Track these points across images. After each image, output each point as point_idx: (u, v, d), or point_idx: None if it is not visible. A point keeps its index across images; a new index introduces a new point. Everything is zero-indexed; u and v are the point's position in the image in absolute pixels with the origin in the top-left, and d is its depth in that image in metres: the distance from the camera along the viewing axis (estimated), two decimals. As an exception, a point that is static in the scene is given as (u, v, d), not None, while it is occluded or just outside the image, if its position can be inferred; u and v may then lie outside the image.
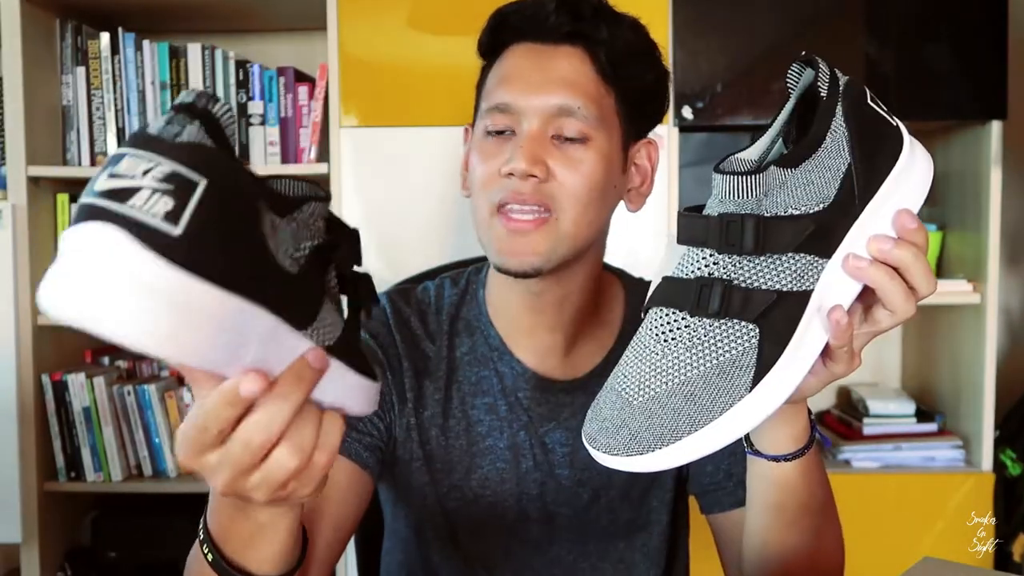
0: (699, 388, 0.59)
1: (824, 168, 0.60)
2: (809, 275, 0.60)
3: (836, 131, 0.61)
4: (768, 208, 0.59)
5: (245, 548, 0.61)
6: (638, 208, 0.95)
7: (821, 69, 0.63)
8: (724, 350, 0.59)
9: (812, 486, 0.76)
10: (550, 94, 0.85)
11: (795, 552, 0.78)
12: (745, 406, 0.58)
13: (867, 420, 1.96)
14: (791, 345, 0.59)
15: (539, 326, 0.94)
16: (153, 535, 1.95)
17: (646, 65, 0.91)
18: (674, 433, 0.58)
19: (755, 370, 0.58)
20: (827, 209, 0.60)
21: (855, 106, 0.62)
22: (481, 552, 0.97)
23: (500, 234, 0.86)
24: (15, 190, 1.86)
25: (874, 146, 0.62)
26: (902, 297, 0.61)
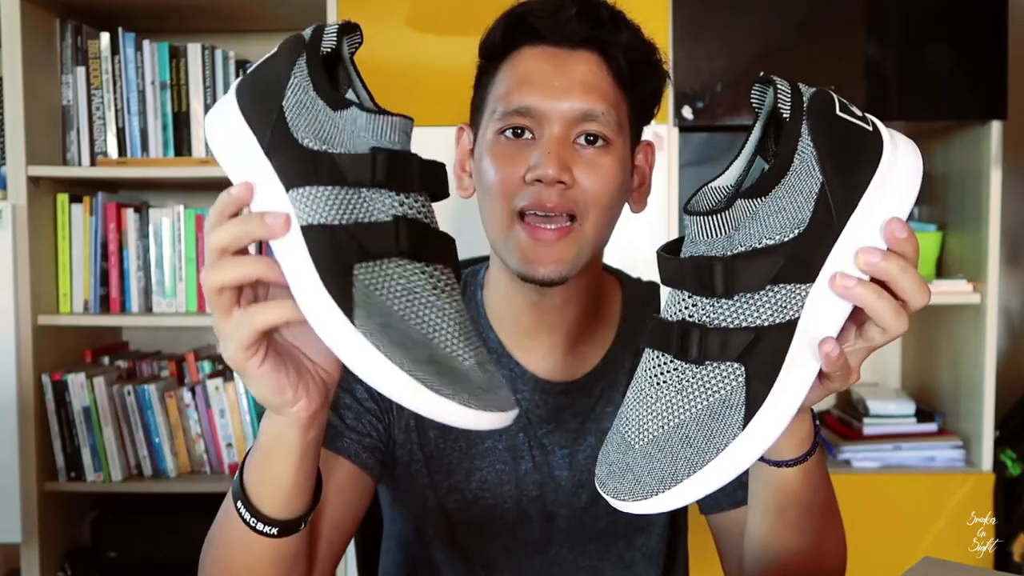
0: (693, 431, 0.59)
1: (795, 192, 0.58)
2: (792, 304, 0.59)
3: (804, 151, 0.59)
4: (742, 242, 0.58)
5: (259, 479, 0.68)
6: (642, 209, 0.95)
7: (780, 89, 0.61)
8: (712, 391, 0.59)
9: (814, 490, 0.75)
10: (574, 99, 0.85)
11: (796, 554, 0.78)
12: (740, 445, 0.58)
13: (867, 420, 1.96)
14: (780, 378, 0.58)
15: (541, 329, 0.94)
16: (153, 535, 1.95)
17: (655, 70, 0.91)
18: (674, 477, 0.58)
19: (745, 408, 0.58)
20: (803, 234, 0.58)
21: (822, 120, 0.60)
22: (481, 552, 0.97)
23: (524, 243, 0.85)
24: (15, 190, 1.86)
25: (849, 158, 0.60)
26: (892, 314, 0.59)
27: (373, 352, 0.54)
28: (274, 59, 0.63)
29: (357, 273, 0.56)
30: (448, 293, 0.59)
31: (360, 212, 0.57)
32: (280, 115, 0.60)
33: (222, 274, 0.58)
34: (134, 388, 1.95)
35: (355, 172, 0.57)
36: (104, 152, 1.95)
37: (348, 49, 0.66)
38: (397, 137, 0.58)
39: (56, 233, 1.97)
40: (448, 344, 0.57)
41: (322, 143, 0.58)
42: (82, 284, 1.97)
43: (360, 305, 0.55)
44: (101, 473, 1.93)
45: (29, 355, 1.88)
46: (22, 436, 1.87)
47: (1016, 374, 2.11)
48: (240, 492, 0.69)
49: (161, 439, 1.96)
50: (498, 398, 0.56)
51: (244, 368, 0.60)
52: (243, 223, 0.58)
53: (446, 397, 0.53)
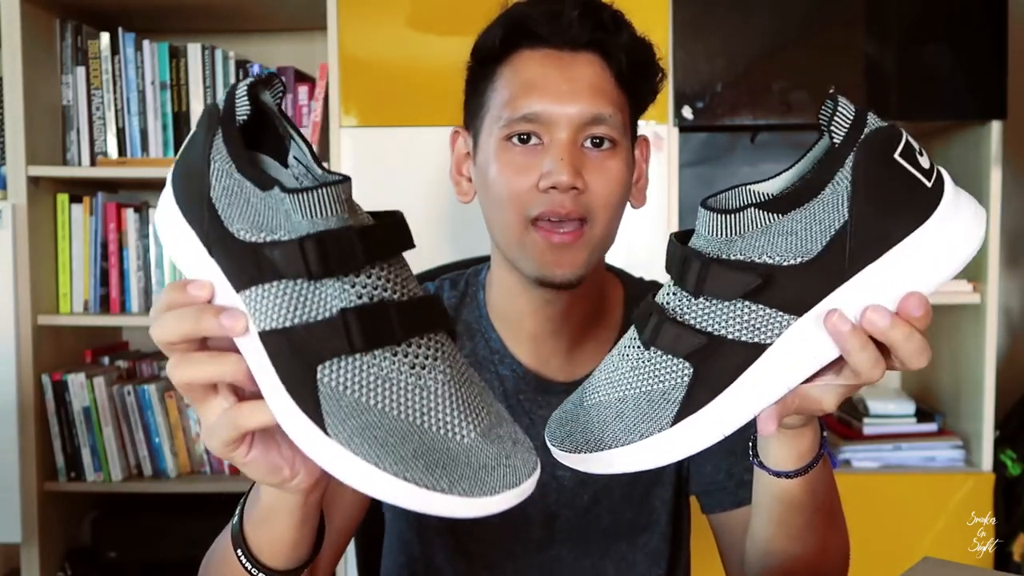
0: (629, 408, 0.58)
1: (814, 221, 0.55)
2: (767, 329, 0.56)
3: (839, 183, 0.55)
4: (742, 250, 0.55)
5: (259, 534, 0.66)
6: (642, 204, 0.95)
7: (840, 110, 0.57)
8: (657, 379, 0.58)
9: (818, 501, 0.74)
10: (582, 103, 0.85)
11: (799, 560, 0.78)
12: (661, 440, 0.57)
13: (867, 420, 1.96)
14: (725, 394, 0.56)
15: (544, 329, 0.94)
16: (153, 535, 1.95)
17: (654, 68, 0.92)
18: (599, 443, 0.58)
19: (679, 408, 0.57)
20: (804, 265, 0.55)
21: (874, 157, 0.55)
22: (483, 552, 0.97)
23: (540, 248, 0.86)
24: (15, 190, 1.85)
25: (887, 208, 0.55)
26: (869, 366, 0.56)
27: (352, 459, 0.49)
28: (193, 142, 0.56)
29: (321, 376, 0.51)
30: (432, 367, 0.52)
31: (310, 308, 0.51)
32: (211, 208, 0.54)
33: (189, 371, 0.54)
34: (134, 388, 1.95)
35: (289, 266, 0.51)
36: (104, 152, 1.95)
37: (273, 101, 0.59)
38: (332, 210, 0.51)
39: (56, 233, 1.97)
40: (441, 424, 0.51)
41: (259, 231, 0.52)
42: (82, 284, 1.97)
43: (331, 412, 0.50)
44: (101, 473, 1.93)
45: (29, 355, 1.88)
46: (22, 436, 1.87)
47: (1016, 374, 2.11)
48: (240, 539, 0.67)
49: (161, 439, 1.96)
50: (511, 470, 0.51)
51: (232, 459, 0.57)
52: (196, 318, 0.53)
53: (442, 492, 0.49)
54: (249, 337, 0.53)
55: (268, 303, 0.52)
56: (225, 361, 0.54)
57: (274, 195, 0.52)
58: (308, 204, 0.50)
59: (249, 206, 0.53)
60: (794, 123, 1.82)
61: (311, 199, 0.50)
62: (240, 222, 0.53)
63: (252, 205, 0.53)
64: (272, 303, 0.52)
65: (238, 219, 0.53)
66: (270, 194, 0.52)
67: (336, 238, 0.50)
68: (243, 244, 0.53)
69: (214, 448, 0.57)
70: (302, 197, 0.50)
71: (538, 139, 0.86)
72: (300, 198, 0.50)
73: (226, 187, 0.54)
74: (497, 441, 0.53)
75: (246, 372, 0.53)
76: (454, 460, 0.50)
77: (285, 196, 0.51)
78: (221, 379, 0.54)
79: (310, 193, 0.50)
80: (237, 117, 0.56)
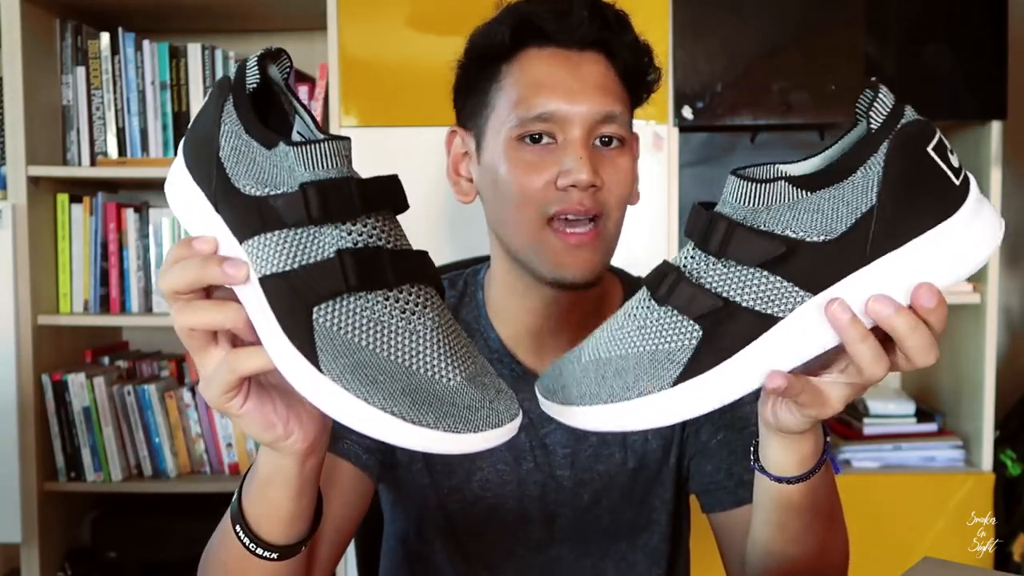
0: (630, 365, 0.59)
1: (843, 202, 0.56)
2: (782, 302, 0.56)
3: (871, 167, 0.56)
4: (767, 222, 0.56)
5: (257, 507, 0.67)
6: (637, 200, 0.95)
7: (880, 99, 0.58)
8: (664, 339, 0.58)
9: (818, 504, 0.74)
10: (593, 102, 0.85)
11: (798, 563, 0.78)
12: (659, 399, 0.57)
13: (867, 420, 1.96)
14: (730, 362, 0.57)
15: (546, 330, 0.94)
16: (153, 535, 1.95)
17: (653, 68, 0.92)
18: (594, 397, 0.59)
19: (683, 369, 0.57)
20: (828, 243, 0.56)
21: (908, 147, 0.56)
22: (483, 552, 0.97)
23: (556, 248, 0.86)
24: (15, 190, 1.86)
25: (914, 198, 0.56)
26: (870, 359, 0.57)
27: (343, 395, 0.52)
28: (205, 109, 0.61)
29: (316, 316, 0.54)
30: (421, 313, 0.55)
31: (309, 253, 0.55)
32: (219, 166, 0.58)
33: (193, 317, 0.57)
34: (134, 388, 1.95)
35: (292, 213, 0.54)
36: (104, 152, 1.95)
37: (280, 75, 0.63)
38: (332, 163, 0.55)
39: (56, 233, 1.97)
40: (428, 367, 0.54)
41: (264, 186, 0.56)
42: (82, 284, 1.97)
43: (325, 349, 0.53)
44: (101, 473, 1.93)
45: (29, 355, 1.88)
46: (22, 436, 1.87)
47: (1016, 374, 2.11)
48: (239, 516, 0.68)
49: (161, 439, 1.96)
50: (492, 412, 0.54)
51: (227, 410, 0.59)
52: (200, 267, 0.56)
53: (426, 427, 0.51)
54: (250, 285, 0.56)
55: (269, 250, 0.55)
56: (226, 308, 0.57)
57: (279, 151, 0.55)
58: (311, 156, 0.54)
59: (255, 164, 0.57)
60: (794, 123, 1.82)
61: (314, 152, 0.54)
62: (246, 178, 0.57)
63: (258, 164, 0.57)
64: (273, 250, 0.55)
65: (244, 176, 0.57)
66: (275, 151, 0.56)
67: (336, 186, 0.54)
68: (248, 198, 0.56)
69: (211, 398, 0.58)
70: (305, 150, 0.54)
71: (551, 138, 0.86)
72: (303, 151, 0.54)
73: (234, 147, 0.58)
74: (481, 387, 0.55)
75: (245, 320, 0.56)
76: (439, 399, 0.53)
77: (289, 150, 0.55)
78: (222, 325, 0.57)
79: (313, 146, 0.54)
80: (247, 85, 0.60)
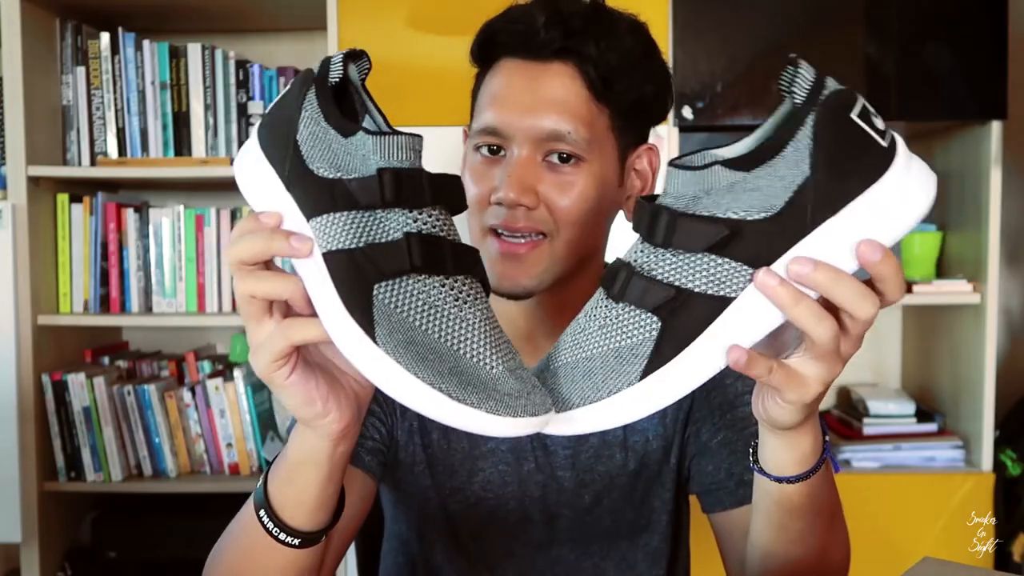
0: (597, 366, 0.60)
1: (777, 177, 0.57)
2: (732, 282, 0.57)
3: (800, 140, 0.57)
4: (707, 207, 0.57)
5: (285, 492, 0.68)
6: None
7: (801, 73, 0.59)
8: (626, 335, 0.59)
9: (818, 505, 0.74)
10: (540, 118, 0.83)
11: (798, 564, 0.77)
12: (630, 394, 0.59)
13: (867, 420, 1.96)
14: (691, 348, 0.58)
15: (538, 333, 0.94)
16: (153, 535, 1.95)
17: (643, 74, 0.88)
18: (566, 403, 0.60)
19: (647, 362, 0.58)
20: (769, 219, 0.57)
21: (832, 117, 0.58)
22: (484, 553, 0.97)
23: (493, 256, 0.85)
24: (15, 190, 1.86)
25: (845, 165, 0.57)
26: (810, 320, 0.56)
27: (394, 367, 0.55)
28: (287, 96, 0.64)
29: (377, 293, 0.57)
30: (472, 303, 0.59)
31: (375, 233, 0.58)
32: (295, 149, 0.61)
33: (256, 285, 0.59)
34: (134, 388, 1.95)
35: (365, 195, 0.58)
36: (104, 152, 1.95)
37: (358, 75, 0.66)
38: (405, 155, 0.59)
39: (56, 233, 1.97)
40: (474, 353, 0.57)
41: (336, 171, 0.59)
42: (82, 284, 1.97)
43: (381, 324, 0.56)
44: (101, 473, 1.93)
45: (29, 355, 1.88)
46: (22, 436, 1.87)
47: (1016, 374, 2.11)
48: (264, 501, 0.69)
49: (161, 439, 1.96)
50: (530, 403, 0.56)
51: (273, 379, 0.61)
52: (268, 239, 0.59)
53: (470, 406, 0.54)
54: (312, 260, 0.59)
55: (337, 228, 0.58)
56: (287, 279, 0.59)
57: (356, 140, 0.59)
58: (387, 146, 0.58)
59: (330, 150, 0.60)
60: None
61: (390, 143, 0.58)
62: (320, 162, 0.60)
63: (333, 150, 0.60)
64: (341, 228, 0.58)
65: (319, 159, 0.60)
66: (351, 140, 0.59)
67: (410, 174, 0.58)
68: (321, 179, 0.60)
69: (260, 365, 0.60)
70: (382, 139, 0.58)
71: (504, 151, 0.86)
72: (380, 140, 0.58)
73: (312, 132, 0.61)
74: (520, 379, 0.58)
75: (303, 293, 0.59)
76: (483, 383, 0.56)
77: (368, 138, 0.58)
78: (281, 295, 0.59)
79: (390, 137, 0.58)
80: (330, 79, 0.63)
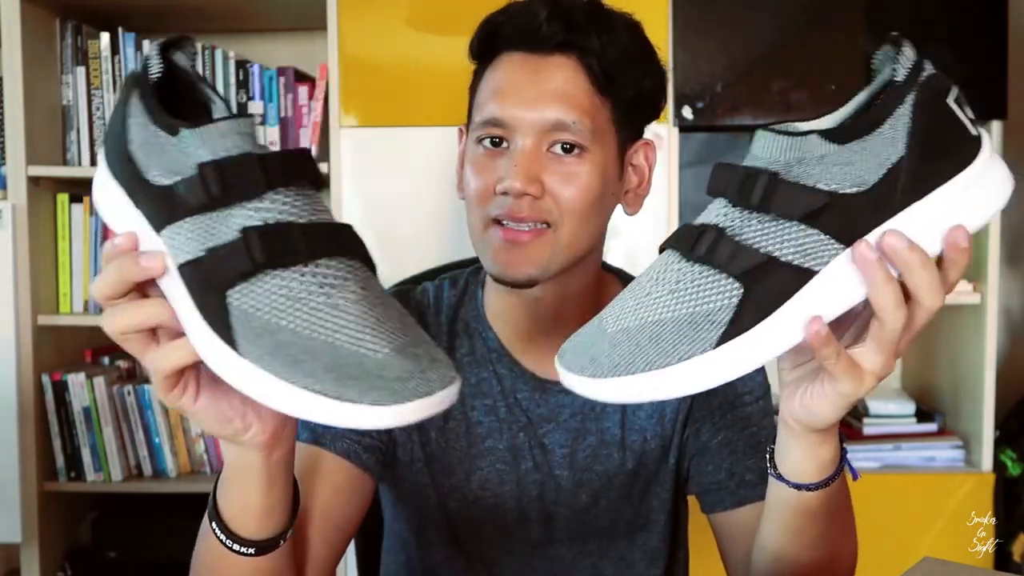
0: (668, 330, 0.57)
1: (872, 154, 0.56)
2: (818, 254, 0.56)
3: (898, 119, 0.57)
4: (798, 176, 0.56)
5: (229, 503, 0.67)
6: (636, 211, 0.94)
7: (904, 52, 0.59)
8: (703, 300, 0.57)
9: (834, 513, 0.74)
10: (544, 108, 0.84)
11: (809, 567, 0.77)
12: (703, 361, 0.56)
13: (867, 420, 1.96)
14: (772, 318, 0.56)
15: (537, 329, 0.94)
16: (153, 535, 1.95)
17: (642, 70, 0.89)
18: (629, 367, 0.56)
19: (725, 329, 0.56)
20: (860, 195, 0.56)
21: (930, 99, 0.58)
22: (482, 551, 0.97)
23: (496, 245, 0.85)
24: (15, 190, 1.86)
25: (939, 149, 0.57)
26: (891, 302, 0.56)
27: (263, 376, 0.51)
28: (116, 105, 0.61)
29: (231, 300, 0.53)
30: (342, 286, 0.54)
31: (216, 236, 0.53)
32: (130, 159, 0.57)
33: (118, 320, 0.56)
34: (134, 388, 1.95)
35: (194, 197, 0.53)
36: (104, 152, 1.95)
37: (186, 62, 0.62)
38: (232, 142, 0.54)
39: (56, 233, 1.97)
40: (352, 341, 0.52)
41: (173, 175, 0.55)
42: (82, 284, 1.97)
43: (242, 332, 0.52)
44: (101, 473, 1.93)
45: (29, 355, 1.88)
46: (22, 436, 1.87)
47: (1016, 374, 2.11)
48: (214, 513, 0.68)
49: (161, 439, 1.96)
50: (424, 381, 0.52)
51: (180, 407, 0.59)
52: (118, 268, 0.56)
53: (349, 402, 0.50)
54: (170, 276, 0.56)
55: (182, 237, 0.54)
56: (147, 304, 0.56)
57: (182, 136, 0.55)
58: (209, 137, 0.53)
59: (164, 153, 0.56)
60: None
61: (211, 132, 0.53)
62: (156, 169, 0.56)
63: (166, 152, 0.56)
64: (185, 237, 0.54)
65: (155, 166, 0.56)
66: (180, 137, 0.55)
67: (236, 163, 0.53)
68: (158, 188, 0.56)
69: (159, 397, 0.59)
70: (202, 131, 0.53)
71: (507, 143, 0.86)
72: (200, 132, 0.54)
73: (143, 139, 0.57)
74: (412, 357, 0.53)
75: (170, 312, 0.56)
76: (366, 373, 0.51)
77: (188, 132, 0.54)
78: (145, 323, 0.56)
79: (209, 126, 0.53)
80: (151, 76, 0.60)
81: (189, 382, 0.58)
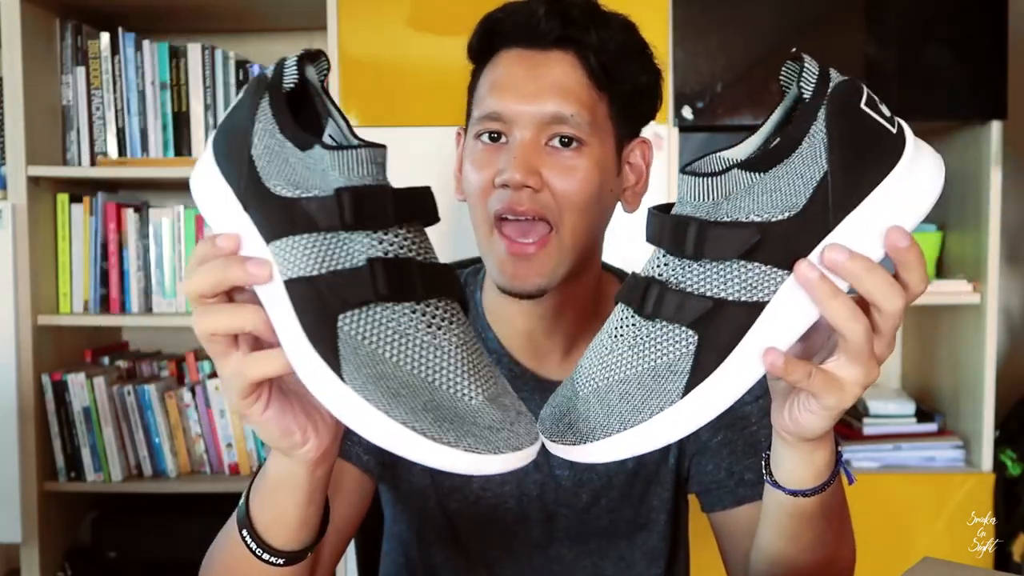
0: (634, 388, 0.57)
1: (796, 175, 0.56)
2: (763, 286, 0.56)
3: (815, 135, 0.57)
4: (728, 212, 0.56)
5: (266, 513, 0.67)
6: (635, 208, 0.94)
7: (807, 68, 0.59)
8: (661, 353, 0.57)
9: (831, 517, 0.74)
10: (543, 102, 0.84)
11: (807, 570, 0.77)
12: (674, 413, 0.56)
13: (867, 420, 1.96)
14: (731, 357, 0.56)
15: (538, 331, 0.94)
16: (153, 535, 1.95)
17: (639, 66, 0.90)
18: (605, 429, 0.57)
19: (689, 377, 0.56)
20: (792, 219, 0.56)
21: (842, 109, 0.57)
22: (482, 552, 0.97)
23: (502, 256, 0.85)
24: (15, 190, 1.86)
25: (860, 156, 0.57)
26: (845, 316, 0.55)
27: (363, 406, 0.51)
28: (240, 105, 0.60)
29: (342, 324, 0.53)
30: (447, 328, 0.55)
31: (338, 259, 0.54)
32: (251, 165, 0.57)
33: (213, 321, 0.56)
34: (134, 388, 1.95)
35: (324, 218, 0.54)
36: (104, 152, 1.95)
37: (317, 77, 0.62)
38: (367, 171, 0.54)
39: (56, 233, 1.97)
40: (451, 384, 0.54)
41: (295, 188, 0.55)
42: (82, 284, 1.97)
43: (348, 358, 0.52)
44: (101, 473, 1.93)
45: (29, 355, 1.88)
46: (22, 436, 1.87)
47: (1016, 374, 2.11)
48: (246, 521, 0.68)
49: (161, 439, 1.96)
50: (513, 435, 0.53)
51: (248, 415, 0.59)
52: (223, 268, 0.56)
53: (446, 445, 0.51)
54: (273, 286, 0.55)
55: (297, 253, 0.54)
56: (245, 310, 0.56)
57: (314, 154, 0.54)
58: (346, 162, 0.53)
59: (288, 165, 0.56)
60: (794, 123, 1.82)
61: (349, 158, 0.53)
62: (277, 179, 0.56)
63: (291, 164, 0.56)
64: (301, 253, 0.54)
65: (276, 176, 0.56)
66: (309, 154, 0.55)
67: (372, 193, 0.54)
68: (279, 198, 0.55)
69: (231, 403, 0.58)
70: (341, 155, 0.53)
71: (506, 138, 0.86)
72: (339, 155, 0.53)
73: (268, 146, 0.57)
74: (502, 408, 0.55)
75: (265, 322, 0.55)
76: (461, 418, 0.52)
77: (325, 153, 0.54)
78: (241, 328, 0.56)
79: (349, 152, 0.53)
80: (284, 85, 0.59)
81: (263, 391, 0.58)
